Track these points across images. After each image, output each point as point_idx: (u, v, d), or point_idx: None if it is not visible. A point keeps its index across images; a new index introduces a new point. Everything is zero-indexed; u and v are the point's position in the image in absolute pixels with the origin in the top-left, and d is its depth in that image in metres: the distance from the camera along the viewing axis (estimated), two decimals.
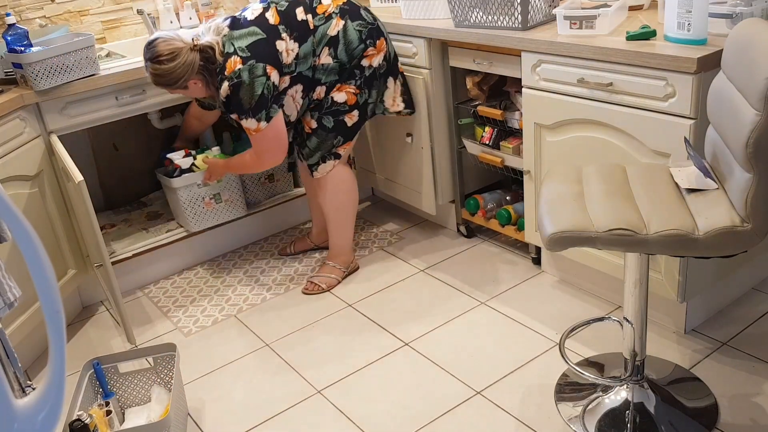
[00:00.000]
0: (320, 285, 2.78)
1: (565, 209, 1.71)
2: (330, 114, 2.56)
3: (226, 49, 2.37)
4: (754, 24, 1.63)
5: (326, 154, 2.62)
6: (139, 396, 2.20)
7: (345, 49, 2.49)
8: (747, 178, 1.53)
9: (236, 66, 2.34)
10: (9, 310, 1.49)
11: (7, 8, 2.85)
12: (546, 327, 2.41)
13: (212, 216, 2.90)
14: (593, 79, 2.14)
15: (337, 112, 2.57)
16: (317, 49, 2.47)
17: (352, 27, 2.50)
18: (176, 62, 2.33)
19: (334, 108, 2.56)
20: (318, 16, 2.47)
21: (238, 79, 2.34)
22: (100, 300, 2.93)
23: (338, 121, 2.58)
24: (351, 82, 2.54)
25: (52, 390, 0.98)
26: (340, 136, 2.61)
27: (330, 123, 2.57)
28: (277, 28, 2.41)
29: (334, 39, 2.48)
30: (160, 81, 2.38)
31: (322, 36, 2.46)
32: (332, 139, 2.60)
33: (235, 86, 2.34)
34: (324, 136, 2.59)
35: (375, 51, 2.55)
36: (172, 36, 2.36)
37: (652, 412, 1.95)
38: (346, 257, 2.85)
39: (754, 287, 2.48)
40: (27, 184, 2.47)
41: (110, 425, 2.06)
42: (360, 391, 2.22)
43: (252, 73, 2.34)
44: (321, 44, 2.47)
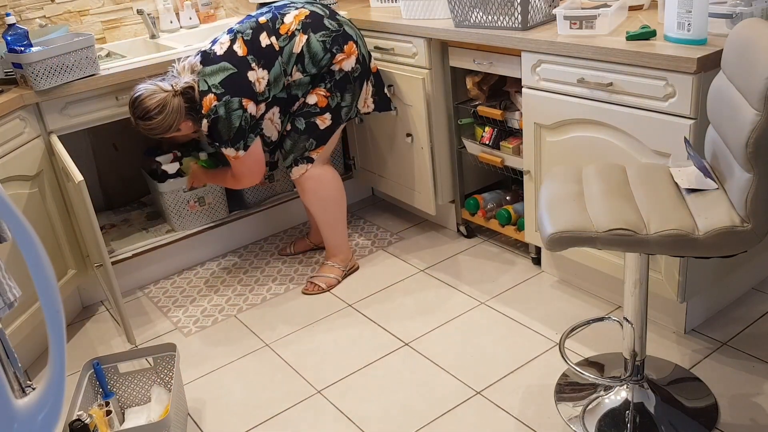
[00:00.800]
0: (320, 285, 2.78)
1: (565, 209, 1.71)
2: (301, 115, 2.59)
3: (200, 87, 2.43)
4: (754, 24, 1.63)
5: (298, 157, 2.64)
6: (139, 396, 2.20)
7: (311, 62, 2.52)
8: (747, 178, 1.53)
9: (212, 103, 2.42)
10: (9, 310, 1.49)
11: (7, 8, 2.85)
12: (546, 327, 2.41)
13: (196, 218, 2.95)
14: (593, 79, 2.14)
15: (309, 114, 2.58)
16: (287, 69, 2.51)
17: (315, 39, 2.52)
18: (165, 112, 2.40)
19: (305, 109, 2.58)
20: (282, 37, 2.50)
21: (215, 114, 2.42)
22: (100, 300, 2.93)
23: (310, 123, 2.59)
24: (321, 85, 2.56)
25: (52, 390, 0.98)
26: (312, 140, 2.62)
27: (302, 125, 2.59)
28: (246, 59, 2.46)
29: (300, 56, 2.51)
30: (155, 133, 2.46)
31: (289, 55, 2.50)
32: (304, 142, 2.62)
33: (214, 121, 2.43)
34: (296, 138, 2.62)
35: (345, 55, 2.56)
36: (153, 88, 2.41)
37: (652, 412, 1.95)
38: (344, 255, 2.85)
39: (754, 287, 2.48)
40: (27, 184, 2.47)
41: (110, 425, 2.06)
42: (360, 391, 2.22)
43: (228, 107, 2.43)
44: (290, 63, 2.51)
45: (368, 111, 2.77)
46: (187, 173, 2.93)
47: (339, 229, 2.81)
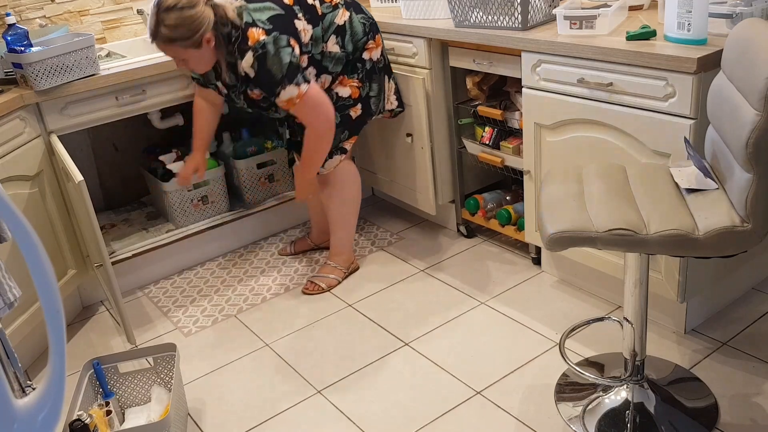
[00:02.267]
0: (320, 285, 2.77)
1: (565, 209, 1.71)
2: (336, 110, 2.52)
3: (244, 18, 2.25)
4: (754, 24, 1.63)
5: (333, 149, 2.59)
6: (139, 396, 2.20)
7: (351, 39, 2.50)
8: (747, 178, 1.53)
9: (260, 37, 2.22)
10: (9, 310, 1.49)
11: (7, 8, 2.85)
12: (546, 327, 2.41)
13: (199, 216, 2.97)
14: (593, 79, 2.14)
15: (343, 107, 2.56)
16: (325, 36, 2.45)
17: (357, 19, 2.53)
18: (196, 9, 2.18)
19: (340, 103, 2.54)
20: (325, 4, 2.47)
21: (263, 49, 2.22)
22: (100, 300, 2.93)
23: (344, 116, 2.57)
24: (354, 76, 2.54)
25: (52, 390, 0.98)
26: (347, 130, 2.60)
27: (337, 119, 2.53)
28: (292, 8, 2.37)
29: (342, 28, 2.48)
30: (176, 34, 2.19)
31: (330, 23, 2.46)
32: (339, 134, 2.58)
33: (261, 57, 2.23)
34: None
35: (374, 45, 2.58)
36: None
37: (652, 412, 1.95)
38: (347, 256, 2.85)
39: (754, 287, 2.48)
40: (27, 184, 2.47)
41: (110, 425, 2.06)
42: (360, 391, 2.22)
43: (277, 44, 2.24)
44: (329, 31, 2.45)
45: (392, 108, 2.75)
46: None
47: (350, 230, 2.81)
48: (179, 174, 2.75)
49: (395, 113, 2.80)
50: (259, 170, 3.06)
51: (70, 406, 1.97)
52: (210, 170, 2.94)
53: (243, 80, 2.34)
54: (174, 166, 2.90)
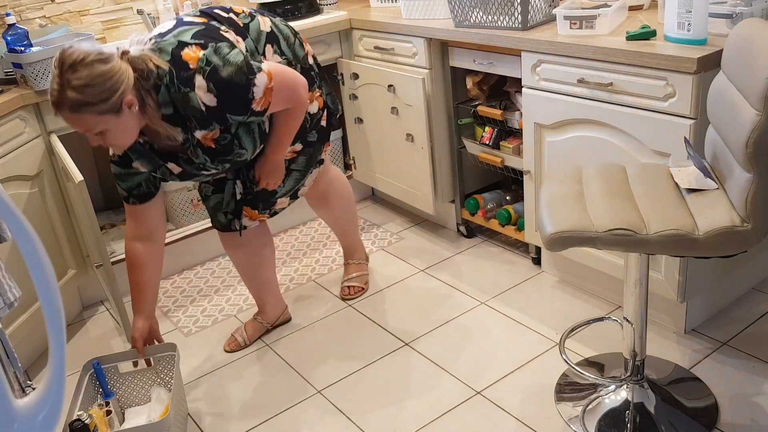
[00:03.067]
0: (359, 285, 2.74)
1: (565, 209, 1.71)
2: (313, 128, 2.25)
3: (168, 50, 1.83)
4: (754, 24, 1.63)
5: (315, 164, 2.34)
6: (140, 396, 2.20)
7: (286, 44, 2.16)
8: (747, 178, 1.53)
9: (198, 53, 1.82)
10: (9, 310, 1.49)
11: (7, 8, 2.85)
12: (546, 327, 2.41)
13: (200, 216, 2.98)
14: (593, 79, 2.14)
15: (317, 122, 2.26)
16: (259, 47, 2.08)
17: (278, 22, 2.19)
18: (111, 64, 1.73)
19: (314, 121, 2.24)
20: (240, 15, 2.11)
21: (208, 66, 1.82)
22: (100, 300, 2.93)
23: (319, 130, 2.29)
24: (314, 87, 2.22)
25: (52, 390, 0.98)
26: (320, 143, 2.31)
27: (314, 136, 2.27)
28: (210, 23, 1.97)
29: (272, 35, 2.13)
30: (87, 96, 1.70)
31: (258, 33, 2.10)
32: (318, 150, 2.31)
33: (212, 73, 1.82)
34: (311, 151, 2.28)
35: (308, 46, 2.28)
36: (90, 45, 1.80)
37: (652, 412, 1.95)
38: (362, 249, 2.83)
39: (754, 287, 2.48)
40: (27, 184, 2.47)
41: (110, 425, 2.06)
42: (360, 391, 2.22)
43: (220, 53, 1.84)
44: (261, 41, 2.09)
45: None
46: None
47: (355, 227, 2.77)
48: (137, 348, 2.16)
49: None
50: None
51: (70, 406, 1.97)
52: None
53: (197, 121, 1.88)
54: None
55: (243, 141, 2.02)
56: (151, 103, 1.85)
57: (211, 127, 1.91)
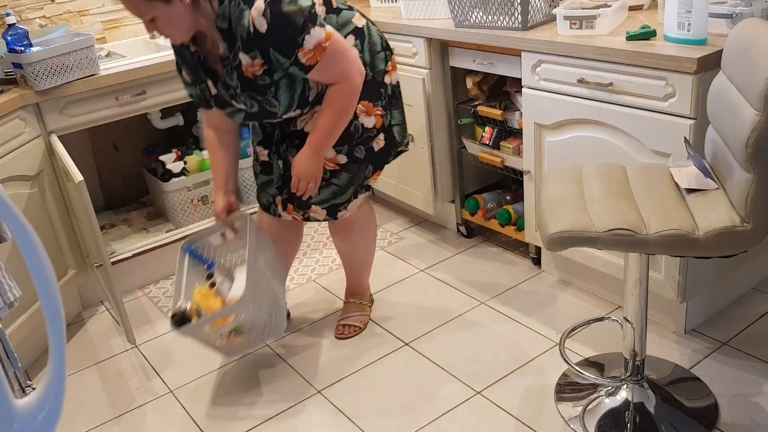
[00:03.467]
0: (356, 325, 2.50)
1: (565, 209, 1.71)
2: (361, 143, 2.14)
3: None
4: (754, 24, 1.63)
5: (358, 187, 2.20)
6: (241, 258, 2.30)
7: (369, 48, 2.11)
8: (747, 178, 1.53)
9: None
10: (9, 310, 1.49)
11: (7, 8, 2.85)
12: (546, 327, 2.41)
13: (200, 217, 2.98)
14: (593, 79, 2.14)
15: (368, 139, 2.15)
16: (341, 32, 2.04)
17: (375, 30, 2.17)
18: None
19: (365, 135, 2.14)
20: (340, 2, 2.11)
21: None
22: (100, 300, 2.93)
23: (369, 149, 2.17)
24: (378, 103, 2.14)
25: (52, 390, 0.98)
26: (371, 165, 2.19)
27: (362, 153, 2.15)
28: None
29: (360, 31, 2.09)
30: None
31: (347, 22, 2.07)
32: (364, 170, 2.18)
33: (274, 1, 1.81)
34: (356, 169, 2.16)
35: (392, 67, 2.19)
36: None
37: (652, 412, 1.95)
38: (368, 291, 2.62)
39: (754, 287, 2.48)
40: (27, 184, 2.47)
41: (219, 293, 2.14)
42: (360, 391, 2.22)
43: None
44: (345, 29, 2.06)
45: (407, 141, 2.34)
46: (192, 171, 2.93)
47: (369, 270, 2.55)
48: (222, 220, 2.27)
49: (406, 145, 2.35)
50: None
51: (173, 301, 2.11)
52: (210, 170, 2.94)
53: (242, 44, 1.86)
54: (175, 166, 2.90)
55: (280, 92, 1.96)
56: (208, 6, 1.85)
57: (253, 54, 1.87)
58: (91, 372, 2.47)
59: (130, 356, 2.54)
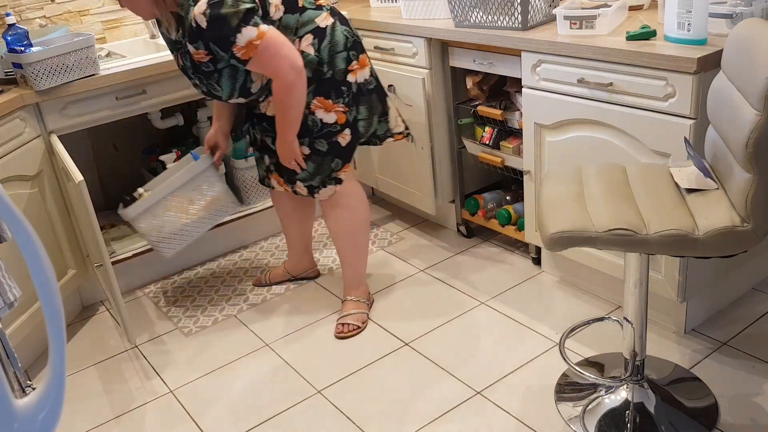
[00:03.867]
0: (355, 324, 2.51)
1: (565, 209, 1.71)
2: (322, 137, 2.31)
3: None
4: (754, 24, 1.63)
5: (326, 179, 2.38)
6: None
7: (329, 47, 2.24)
8: (747, 178, 1.53)
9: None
10: (9, 310, 1.49)
11: (7, 8, 2.85)
12: (546, 327, 2.41)
13: None
14: (593, 79, 2.14)
15: (330, 134, 2.31)
16: (300, 31, 2.22)
17: (341, 29, 2.28)
18: None
19: (325, 130, 2.30)
20: (308, 1, 2.26)
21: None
22: (100, 300, 2.93)
23: (332, 143, 2.32)
24: (339, 101, 2.28)
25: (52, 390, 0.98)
26: (338, 159, 2.35)
27: (324, 146, 2.32)
28: None
29: (321, 31, 2.23)
30: None
31: (309, 20, 2.23)
32: (329, 163, 2.35)
33: (215, 4, 2.02)
34: (320, 160, 2.34)
35: (358, 66, 2.30)
36: None
37: (652, 412, 1.95)
38: (365, 288, 2.63)
39: (754, 287, 2.48)
40: (27, 184, 2.47)
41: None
42: (360, 391, 2.22)
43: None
44: (305, 28, 2.22)
45: (400, 131, 2.50)
46: None
47: (364, 259, 2.59)
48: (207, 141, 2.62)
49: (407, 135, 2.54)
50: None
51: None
52: None
53: (188, 34, 2.10)
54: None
55: (222, 80, 2.19)
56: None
57: (197, 45, 2.10)
58: (91, 372, 2.48)
59: (130, 356, 2.54)
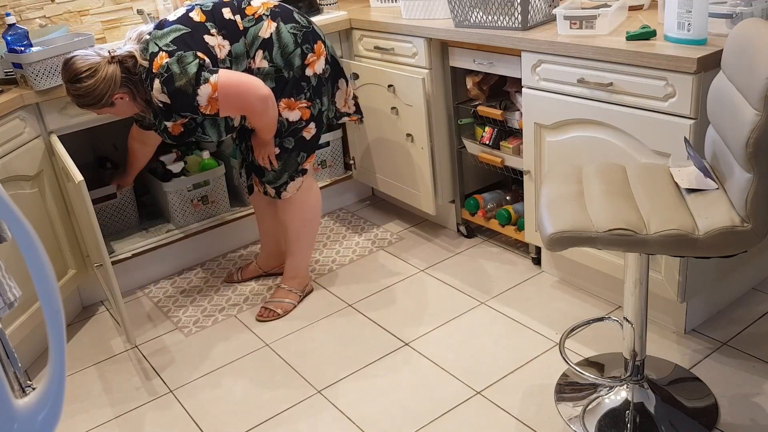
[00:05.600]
0: (276, 311, 2.65)
1: (565, 209, 1.71)
2: (289, 135, 2.42)
3: (150, 49, 2.22)
4: (754, 24, 1.63)
5: (293, 173, 2.51)
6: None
7: (281, 53, 2.34)
8: (747, 178, 1.53)
9: (163, 61, 2.18)
10: (9, 310, 1.49)
11: (7, 8, 2.85)
12: (546, 327, 2.41)
13: (199, 216, 2.97)
14: (593, 79, 2.14)
15: (296, 131, 2.42)
16: (250, 51, 2.33)
17: (286, 30, 2.35)
18: (96, 78, 2.19)
19: (291, 128, 2.41)
20: (247, 18, 2.34)
21: (167, 72, 2.17)
22: (100, 300, 2.93)
23: (298, 139, 2.44)
24: (301, 97, 2.38)
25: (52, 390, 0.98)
26: (303, 152, 2.48)
27: (291, 144, 2.44)
28: (203, 24, 2.28)
29: (268, 41, 2.33)
30: (83, 101, 2.24)
31: (254, 38, 2.33)
32: (296, 158, 2.48)
33: (168, 80, 2.17)
34: (286, 157, 2.46)
35: (315, 57, 2.38)
36: (88, 52, 2.24)
37: (652, 412, 1.95)
38: (303, 279, 2.74)
39: (754, 287, 2.48)
40: (27, 184, 2.47)
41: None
42: (360, 391, 2.22)
43: (182, 62, 2.17)
44: (254, 46, 2.33)
45: (349, 112, 2.62)
46: (192, 171, 2.93)
47: (309, 251, 2.70)
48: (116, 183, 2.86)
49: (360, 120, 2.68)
50: None
51: None
52: (210, 170, 2.94)
53: (161, 114, 2.27)
54: (175, 167, 2.90)
55: (207, 130, 2.38)
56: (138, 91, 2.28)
57: (173, 119, 2.28)
58: (91, 372, 2.48)
59: (130, 356, 2.54)
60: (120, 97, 2.25)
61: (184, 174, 2.92)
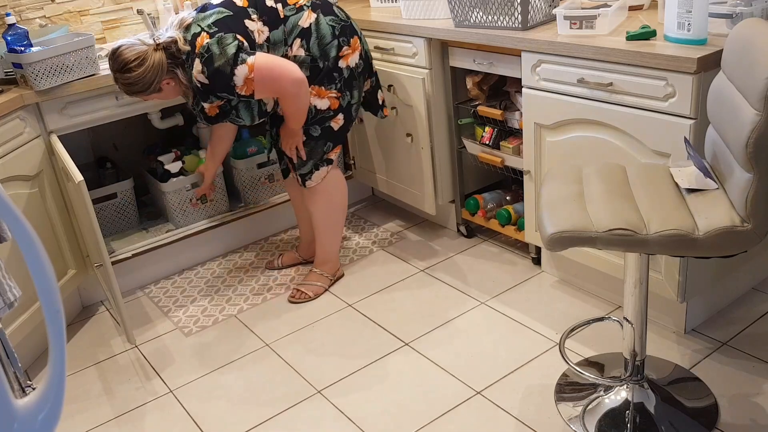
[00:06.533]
0: (307, 293, 2.73)
1: (565, 209, 1.71)
2: (316, 123, 2.51)
3: (192, 30, 2.29)
4: (754, 24, 1.63)
5: (318, 161, 2.58)
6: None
7: (318, 43, 2.42)
8: (747, 178, 1.53)
9: (204, 41, 2.26)
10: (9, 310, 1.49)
11: (7, 8, 2.85)
12: (546, 327, 2.41)
13: (198, 216, 2.98)
14: (593, 79, 2.14)
15: (323, 119, 2.51)
16: (288, 39, 2.41)
17: (325, 21, 2.44)
18: (145, 66, 2.26)
19: (319, 116, 2.50)
20: (288, 6, 2.42)
21: (207, 52, 2.25)
22: (100, 300, 2.93)
23: (325, 128, 2.53)
24: (331, 87, 2.47)
25: (52, 390, 0.98)
26: (330, 142, 2.57)
27: (317, 131, 2.52)
28: (245, 9, 2.35)
29: (306, 31, 2.42)
30: (133, 89, 2.31)
31: (293, 26, 2.41)
32: (322, 147, 2.56)
33: (208, 60, 2.25)
34: (313, 144, 2.54)
35: (350, 50, 2.48)
36: (133, 41, 2.30)
37: (652, 412, 1.95)
38: (334, 264, 2.81)
39: (754, 287, 2.48)
40: (27, 184, 2.47)
41: None
42: (360, 391, 2.22)
43: (221, 43, 2.25)
44: (293, 35, 2.41)
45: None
46: (191, 171, 2.93)
47: (336, 238, 2.77)
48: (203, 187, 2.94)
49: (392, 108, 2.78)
50: (259, 170, 3.07)
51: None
52: None
53: (199, 95, 2.34)
54: (173, 166, 2.91)
55: (241, 112, 2.45)
56: (182, 75, 2.35)
57: (210, 101, 2.36)
58: (91, 372, 2.48)
59: (130, 356, 2.54)
60: (167, 83, 2.34)
61: (183, 174, 2.92)
